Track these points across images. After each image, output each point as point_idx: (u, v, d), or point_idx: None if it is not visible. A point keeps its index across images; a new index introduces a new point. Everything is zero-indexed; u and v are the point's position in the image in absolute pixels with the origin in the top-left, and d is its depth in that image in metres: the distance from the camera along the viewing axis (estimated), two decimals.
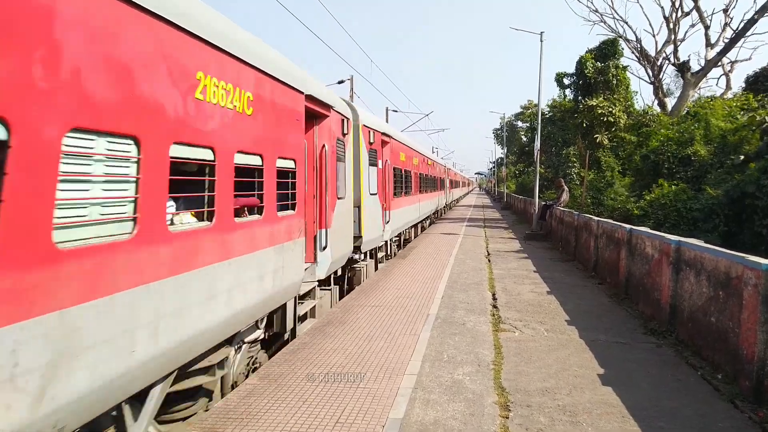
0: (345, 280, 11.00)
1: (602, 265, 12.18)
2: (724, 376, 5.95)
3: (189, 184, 4.62)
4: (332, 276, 9.32)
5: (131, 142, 3.62)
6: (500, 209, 46.66)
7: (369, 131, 11.91)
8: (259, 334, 6.27)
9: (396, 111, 37.39)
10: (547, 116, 33.01)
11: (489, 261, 14.84)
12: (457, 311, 8.93)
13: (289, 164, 6.62)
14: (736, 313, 5.84)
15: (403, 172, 17.11)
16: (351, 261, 11.01)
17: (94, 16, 3.20)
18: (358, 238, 10.88)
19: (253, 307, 5.55)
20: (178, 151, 4.17)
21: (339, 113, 9.19)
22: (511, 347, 7.09)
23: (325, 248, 8.27)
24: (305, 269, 7.53)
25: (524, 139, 52.55)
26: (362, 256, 11.63)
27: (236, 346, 5.71)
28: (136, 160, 3.67)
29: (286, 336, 7.17)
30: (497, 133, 79.76)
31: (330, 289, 9.17)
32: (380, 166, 13.14)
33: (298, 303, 7.39)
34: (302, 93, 6.96)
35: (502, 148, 71.41)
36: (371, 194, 11.92)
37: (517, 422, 4.85)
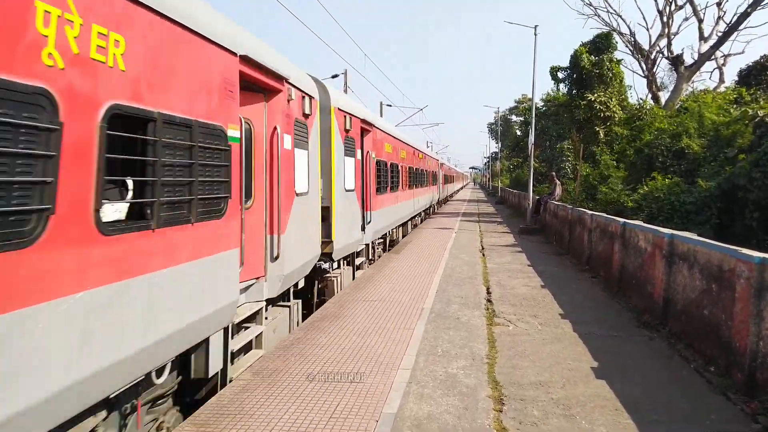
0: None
1: (596, 259, 12.22)
2: (716, 369, 5.98)
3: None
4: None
5: None
6: (494, 204, 46.75)
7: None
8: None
9: (390, 105, 37.40)
10: (542, 110, 33.02)
11: (483, 255, 14.86)
12: (451, 305, 8.93)
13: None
14: (728, 305, 5.86)
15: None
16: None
17: None
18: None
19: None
20: None
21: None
22: (505, 341, 7.10)
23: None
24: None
25: (518, 133, 52.61)
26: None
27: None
28: None
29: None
30: (491, 127, 79.81)
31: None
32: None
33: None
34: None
35: (497, 143, 71.45)
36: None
37: (510, 416, 4.86)
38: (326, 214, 9.19)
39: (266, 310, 6.73)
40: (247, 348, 6.27)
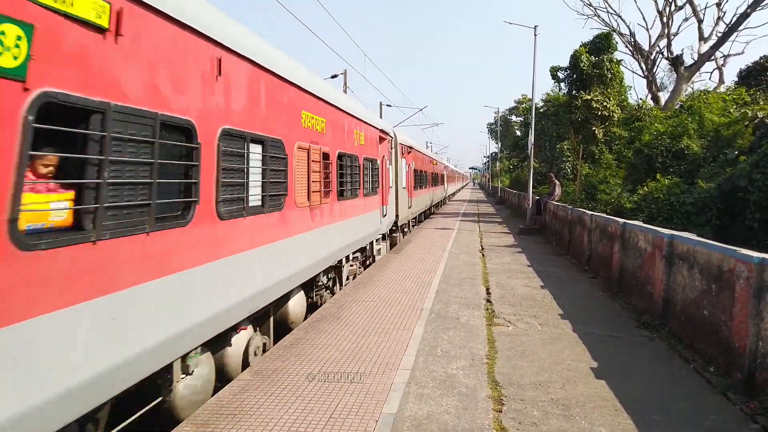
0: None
1: (596, 259, 12.22)
2: (716, 369, 5.98)
3: None
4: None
5: None
6: (494, 204, 46.74)
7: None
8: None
9: (390, 105, 37.37)
10: (541, 110, 33.02)
11: (483, 255, 14.86)
12: (450, 306, 8.93)
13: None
14: (728, 306, 5.86)
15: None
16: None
17: None
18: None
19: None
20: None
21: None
22: (505, 341, 7.10)
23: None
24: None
25: (518, 133, 52.61)
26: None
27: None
28: None
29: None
30: (491, 127, 79.83)
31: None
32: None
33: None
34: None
35: (496, 143, 71.45)
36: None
37: (510, 416, 4.86)
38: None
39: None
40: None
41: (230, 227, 5.16)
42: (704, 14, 31.25)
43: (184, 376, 4.70)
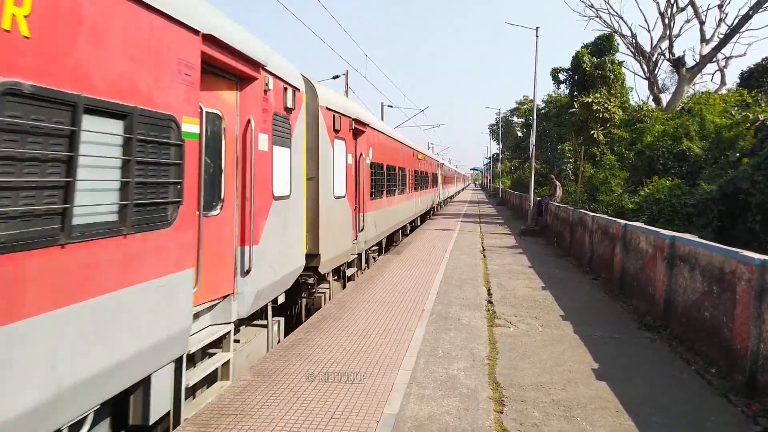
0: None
1: (597, 261, 12.21)
2: (717, 371, 5.98)
3: None
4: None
5: None
6: (495, 205, 46.74)
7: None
8: None
9: (391, 106, 37.36)
10: (543, 111, 33.02)
11: (484, 257, 14.86)
12: (452, 307, 8.93)
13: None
14: (729, 308, 5.86)
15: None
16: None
17: None
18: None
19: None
20: None
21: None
22: (506, 342, 7.10)
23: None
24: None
25: (519, 134, 52.58)
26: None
27: None
28: None
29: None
30: (492, 128, 79.82)
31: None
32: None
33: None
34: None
35: (498, 144, 71.40)
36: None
37: (511, 417, 4.86)
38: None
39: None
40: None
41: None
42: (706, 16, 31.36)
43: None
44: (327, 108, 9.02)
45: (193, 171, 4.55)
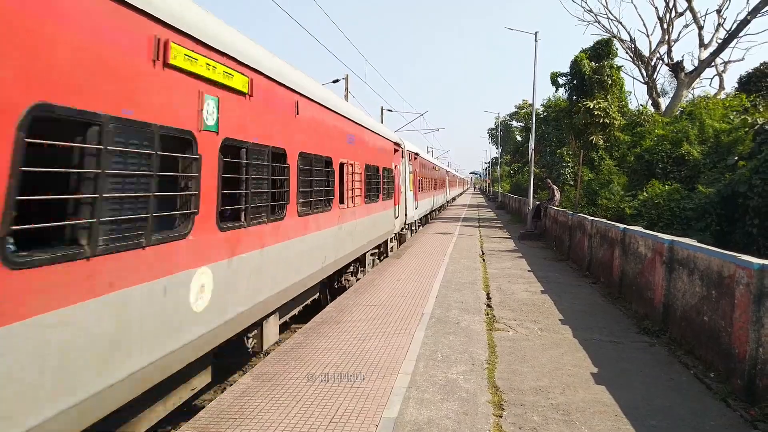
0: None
1: (596, 265, 12.22)
2: (716, 375, 5.99)
3: None
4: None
5: None
6: (495, 209, 46.74)
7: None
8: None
9: (391, 110, 37.37)
10: (542, 116, 33.08)
11: (483, 260, 14.86)
12: (451, 310, 8.93)
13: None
14: (728, 312, 5.87)
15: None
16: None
17: None
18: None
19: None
20: None
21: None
22: (505, 346, 7.10)
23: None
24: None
25: (519, 138, 52.65)
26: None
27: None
28: None
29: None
30: (492, 132, 79.92)
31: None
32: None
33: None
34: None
35: (497, 148, 71.49)
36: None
37: (510, 421, 4.86)
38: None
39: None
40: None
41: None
42: (704, 21, 31.44)
43: None
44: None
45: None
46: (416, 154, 21.63)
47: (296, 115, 7.16)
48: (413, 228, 22.35)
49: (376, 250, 14.27)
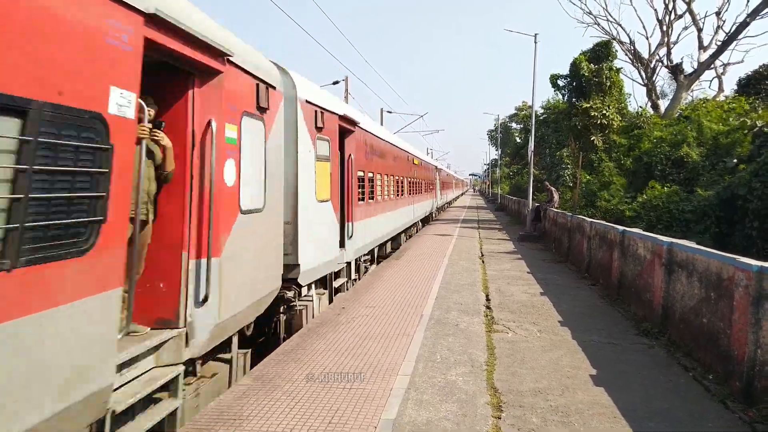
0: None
1: (595, 267, 12.23)
2: (715, 377, 5.99)
3: None
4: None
5: None
6: (494, 210, 46.78)
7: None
8: None
9: (390, 112, 37.42)
10: (541, 118, 33.12)
11: (483, 262, 14.87)
12: (450, 312, 8.94)
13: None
14: (727, 314, 5.88)
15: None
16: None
17: None
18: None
19: None
20: None
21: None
22: (504, 348, 7.10)
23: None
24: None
25: (518, 140, 52.71)
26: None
27: None
28: None
29: None
30: (491, 134, 79.98)
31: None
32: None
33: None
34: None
35: (497, 150, 71.52)
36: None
37: (509, 423, 4.87)
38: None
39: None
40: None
41: None
42: (704, 23, 31.49)
43: None
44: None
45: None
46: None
47: None
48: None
49: None
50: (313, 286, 8.64)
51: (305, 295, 8.30)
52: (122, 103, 3.58)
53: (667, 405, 5.31)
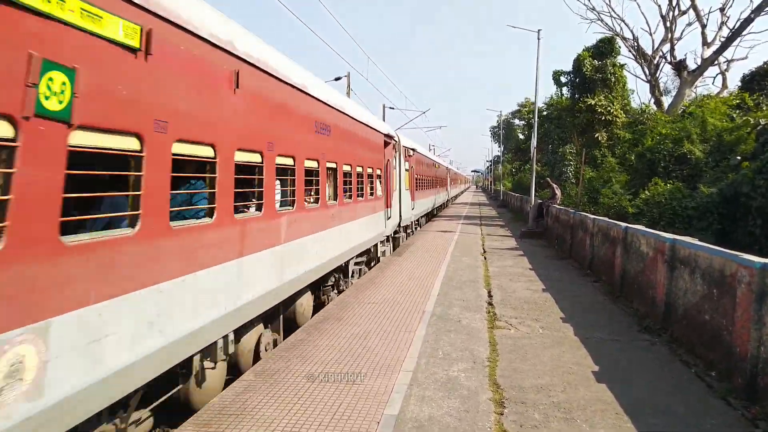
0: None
1: (597, 263, 12.22)
2: (717, 374, 5.99)
3: None
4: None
5: None
6: (496, 207, 46.71)
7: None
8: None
9: (393, 108, 37.37)
10: (544, 114, 33.04)
11: (485, 259, 14.87)
12: (452, 308, 8.94)
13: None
14: (729, 311, 5.87)
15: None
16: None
17: None
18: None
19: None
20: None
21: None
22: (507, 344, 7.11)
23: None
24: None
25: (521, 136, 52.60)
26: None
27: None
28: None
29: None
30: (494, 130, 79.79)
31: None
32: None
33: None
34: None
35: (499, 146, 71.34)
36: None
37: (511, 419, 4.87)
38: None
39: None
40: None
41: None
42: (708, 19, 31.33)
43: None
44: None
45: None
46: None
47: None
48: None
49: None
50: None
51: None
52: None
53: (670, 401, 5.31)
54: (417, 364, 6.20)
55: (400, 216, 16.88)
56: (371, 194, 12.47)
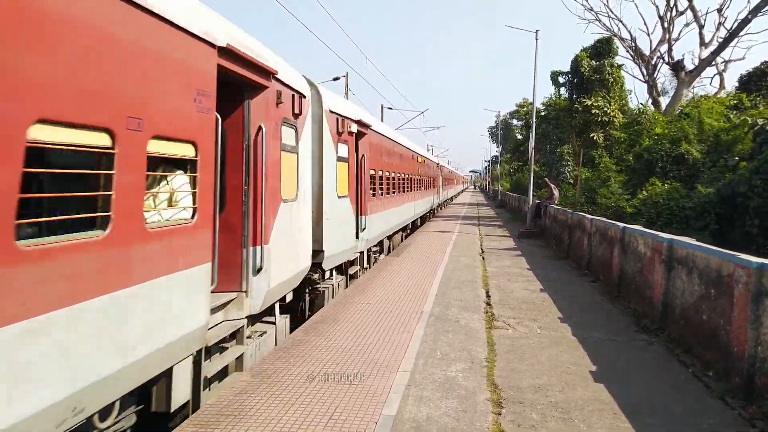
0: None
1: (595, 263, 12.24)
2: (714, 374, 6.00)
3: None
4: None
5: None
6: (495, 207, 46.77)
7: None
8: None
9: (391, 108, 37.39)
10: (542, 114, 33.07)
11: (483, 259, 14.88)
12: (450, 309, 8.95)
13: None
14: (727, 311, 5.89)
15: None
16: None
17: None
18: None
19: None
20: None
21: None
22: (505, 344, 7.11)
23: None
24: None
25: (519, 137, 52.65)
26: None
27: None
28: None
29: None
30: (492, 131, 79.88)
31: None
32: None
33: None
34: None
35: (497, 147, 71.46)
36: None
37: (509, 419, 4.88)
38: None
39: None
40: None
41: None
42: (705, 20, 31.47)
43: None
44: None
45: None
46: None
47: None
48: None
49: None
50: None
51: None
52: None
53: (667, 401, 5.32)
54: (415, 365, 6.20)
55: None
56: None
